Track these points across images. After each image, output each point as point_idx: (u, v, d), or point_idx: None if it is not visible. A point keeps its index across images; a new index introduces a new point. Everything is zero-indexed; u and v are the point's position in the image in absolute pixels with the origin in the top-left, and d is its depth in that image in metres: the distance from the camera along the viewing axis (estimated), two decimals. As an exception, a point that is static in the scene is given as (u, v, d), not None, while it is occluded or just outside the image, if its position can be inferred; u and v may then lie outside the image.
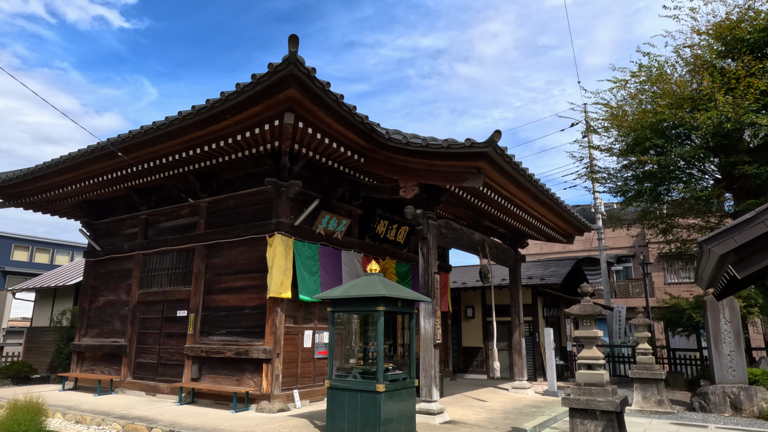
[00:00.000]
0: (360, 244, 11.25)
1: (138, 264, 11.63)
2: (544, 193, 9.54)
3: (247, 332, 9.39)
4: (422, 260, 8.80)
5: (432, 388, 8.19)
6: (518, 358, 12.32)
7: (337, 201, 10.79)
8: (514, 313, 12.58)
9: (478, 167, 7.79)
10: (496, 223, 12.03)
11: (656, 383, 10.87)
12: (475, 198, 9.51)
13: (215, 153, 9.02)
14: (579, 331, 6.65)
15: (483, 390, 12.22)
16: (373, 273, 7.28)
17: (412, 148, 8.08)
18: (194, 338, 10.00)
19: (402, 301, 7.11)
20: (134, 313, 11.38)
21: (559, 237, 12.86)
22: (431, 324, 8.43)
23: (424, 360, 8.35)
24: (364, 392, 6.60)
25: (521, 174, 8.38)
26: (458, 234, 9.99)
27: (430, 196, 9.05)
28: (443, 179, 8.26)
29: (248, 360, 9.07)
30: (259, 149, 8.83)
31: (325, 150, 8.81)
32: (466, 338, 17.46)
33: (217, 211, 10.64)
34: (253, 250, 9.65)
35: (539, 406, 10.03)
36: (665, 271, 25.40)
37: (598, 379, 6.34)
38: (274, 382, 8.72)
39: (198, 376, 9.75)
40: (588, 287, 6.70)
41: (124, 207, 12.51)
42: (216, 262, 10.27)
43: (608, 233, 26.87)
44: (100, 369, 11.75)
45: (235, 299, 9.74)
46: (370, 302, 6.81)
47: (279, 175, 9.36)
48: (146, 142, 8.92)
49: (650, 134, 13.78)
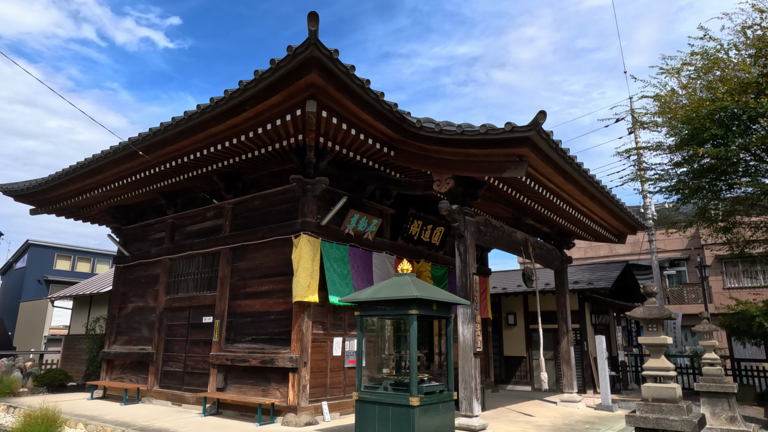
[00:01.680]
0: (392, 246, 10.58)
1: (165, 269, 11.32)
2: (594, 185, 8.62)
3: (273, 339, 8.84)
4: (459, 260, 8.04)
5: (473, 401, 7.38)
6: (567, 369, 11.31)
7: (367, 200, 10.17)
8: (561, 320, 11.60)
9: (520, 155, 7.00)
10: (540, 221, 11.13)
11: (727, 398, 9.66)
12: (517, 192, 8.69)
13: (237, 149, 8.56)
14: (644, 337, 5.74)
15: (528, 403, 11.26)
16: (404, 273, 6.58)
17: (446, 136, 7.37)
18: (219, 346, 9.53)
19: (437, 303, 6.38)
20: (161, 319, 11.05)
21: (609, 236, 11.81)
22: (471, 330, 7.65)
23: (464, 370, 7.56)
24: (395, 406, 5.88)
25: (569, 163, 7.53)
26: (498, 232, 9.18)
27: (467, 190, 8.30)
28: (481, 170, 7.51)
29: (274, 369, 8.51)
30: (283, 144, 8.31)
31: (352, 143, 8.21)
32: (507, 347, 16.46)
33: (242, 212, 10.20)
34: (279, 252, 9.12)
35: (593, 422, 9.04)
36: (724, 275, 23.57)
37: (669, 394, 5.42)
38: (300, 392, 8.10)
39: (223, 385, 9.26)
40: (653, 286, 5.79)
41: (152, 211, 12.28)
42: (241, 265, 9.80)
43: (659, 235, 25.22)
44: (128, 377, 11.46)
45: (261, 304, 9.22)
46: (401, 305, 6.11)
47: (304, 172, 8.82)
48: (167, 140, 8.55)
49: (708, 124, 12.57)
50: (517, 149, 6.88)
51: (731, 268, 23.61)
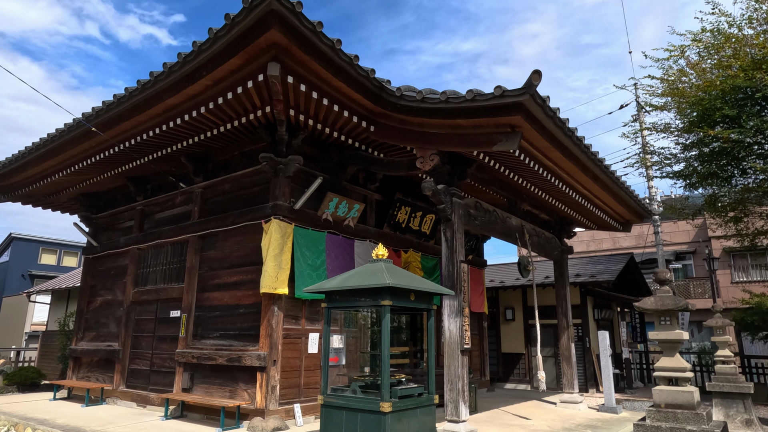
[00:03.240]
0: (377, 234, 9.73)
1: (133, 260, 10.50)
2: (597, 164, 7.75)
3: (241, 335, 8.02)
4: (445, 246, 7.19)
5: (459, 404, 6.54)
6: (567, 367, 10.46)
7: (349, 183, 9.32)
8: (561, 314, 10.75)
9: (512, 125, 6.14)
10: (538, 207, 10.26)
11: (742, 399, 8.82)
12: (511, 171, 7.84)
13: (200, 125, 7.73)
14: (656, 332, 4.89)
15: (525, 404, 10.42)
16: (379, 259, 5.73)
17: (429, 105, 6.51)
18: (186, 342, 8.71)
19: (415, 294, 5.54)
20: (128, 314, 10.23)
21: (613, 224, 10.94)
22: (458, 324, 6.80)
23: (450, 369, 6.72)
24: (365, 412, 5.05)
25: (568, 135, 6.66)
26: (491, 217, 8.32)
27: (455, 169, 7.45)
28: (469, 144, 6.64)
29: (242, 368, 7.68)
30: (250, 118, 7.47)
31: (327, 117, 7.37)
32: (505, 343, 15.64)
33: (212, 197, 9.36)
34: (250, 239, 8.29)
35: (596, 426, 8.20)
36: (732, 268, 22.65)
37: (685, 399, 4.57)
38: (269, 394, 7.28)
39: (190, 385, 8.44)
40: (666, 272, 4.94)
41: (122, 199, 11.46)
42: (210, 254, 8.97)
43: (665, 228, 24.31)
44: (95, 376, 10.66)
45: (230, 297, 8.39)
46: (372, 295, 5.27)
47: (276, 151, 7.98)
48: (122, 115, 7.71)
49: (719, 104, 11.67)
50: (508, 118, 6.02)
51: (740, 261, 22.68)
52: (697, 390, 4.69)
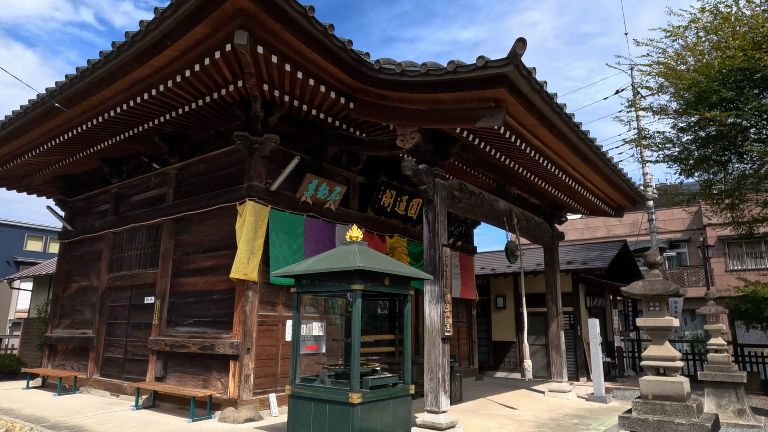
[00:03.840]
0: (360, 218, 9.37)
1: (108, 244, 10.12)
2: (587, 144, 7.39)
3: (215, 322, 7.68)
4: (427, 229, 6.84)
5: (439, 394, 6.24)
6: (556, 355, 10.19)
7: (330, 165, 8.94)
8: (550, 301, 10.45)
9: (496, 99, 5.76)
10: (528, 191, 9.90)
11: (734, 388, 8.58)
12: (498, 151, 7.47)
13: (170, 101, 7.31)
14: (644, 318, 4.57)
15: (513, 393, 10.17)
16: (352, 241, 5.38)
17: (409, 78, 6.11)
18: (159, 329, 8.37)
19: (390, 278, 5.20)
20: (103, 300, 9.88)
21: (605, 209, 10.61)
22: (438, 311, 6.47)
23: (430, 358, 6.40)
24: (333, 403, 4.74)
25: (556, 112, 6.28)
26: (477, 200, 7.96)
27: (438, 148, 7.07)
28: (451, 120, 6.26)
29: (215, 356, 7.36)
30: (222, 93, 7.07)
31: (303, 92, 6.97)
32: (496, 331, 15.38)
33: (187, 178, 8.97)
34: (225, 222, 7.92)
35: (583, 416, 7.93)
36: (726, 256, 22.43)
37: (674, 390, 4.26)
38: (242, 383, 6.96)
39: (163, 374, 8.12)
40: (656, 255, 4.61)
41: (98, 182, 11.04)
42: (185, 238, 8.60)
43: (659, 215, 24.05)
44: (70, 364, 10.33)
45: (204, 282, 8.05)
46: (343, 278, 4.93)
47: (251, 129, 7.58)
48: (87, 90, 7.28)
49: (717, 86, 11.29)
50: (492, 91, 5.63)
51: (735, 250, 22.47)
52: (687, 380, 4.39)
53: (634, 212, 25.34)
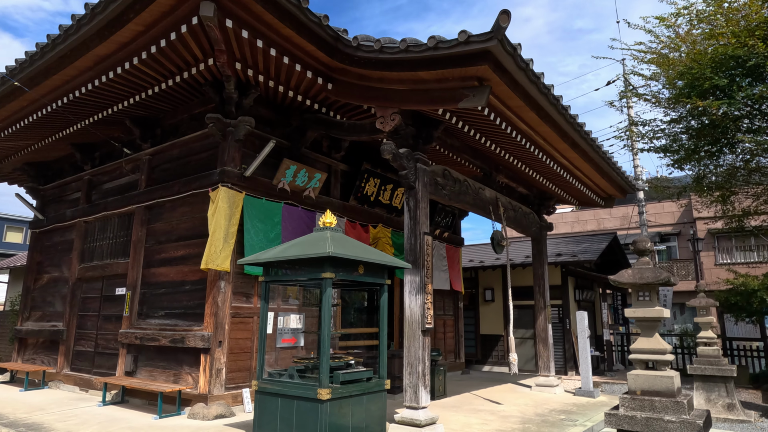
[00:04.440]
0: (342, 207, 9.03)
1: (80, 233, 9.70)
2: (575, 128, 7.09)
3: (186, 314, 7.33)
4: (408, 216, 6.52)
5: (419, 389, 5.93)
6: (543, 349, 9.94)
7: (311, 151, 8.58)
8: (538, 294, 10.19)
9: (480, 77, 5.43)
10: (515, 179, 9.60)
11: (724, 382, 8.38)
12: (483, 136, 7.15)
13: (138, 80, 6.92)
14: (633, 309, 4.28)
15: (499, 388, 9.91)
16: (325, 227, 5.04)
17: (389, 56, 5.76)
18: (130, 321, 8.00)
19: (365, 266, 4.88)
20: (74, 292, 9.48)
21: (595, 199, 10.34)
22: (419, 302, 6.16)
23: (409, 351, 6.10)
24: (301, 400, 4.42)
25: (543, 93, 5.96)
26: (461, 187, 7.64)
27: (420, 132, 6.74)
28: (432, 101, 5.93)
29: (186, 350, 7.01)
30: (192, 72, 6.70)
31: (278, 72, 6.61)
32: (484, 325, 15.13)
33: (160, 164, 8.57)
34: (197, 209, 7.55)
35: (570, 411, 7.68)
36: (716, 250, 22.34)
37: (664, 385, 3.98)
38: (214, 378, 6.62)
39: (133, 368, 7.76)
40: (646, 242, 4.32)
41: (70, 168, 10.60)
42: (157, 227, 8.22)
43: (650, 209, 23.92)
44: (40, 358, 9.92)
45: (176, 272, 7.68)
46: (313, 266, 4.60)
47: (224, 111, 7.21)
48: (50, 68, 6.86)
49: (710, 73, 11.03)
50: (475, 68, 5.30)
51: (724, 243, 22.38)
52: (678, 374, 4.11)
53: (624, 205, 25.21)
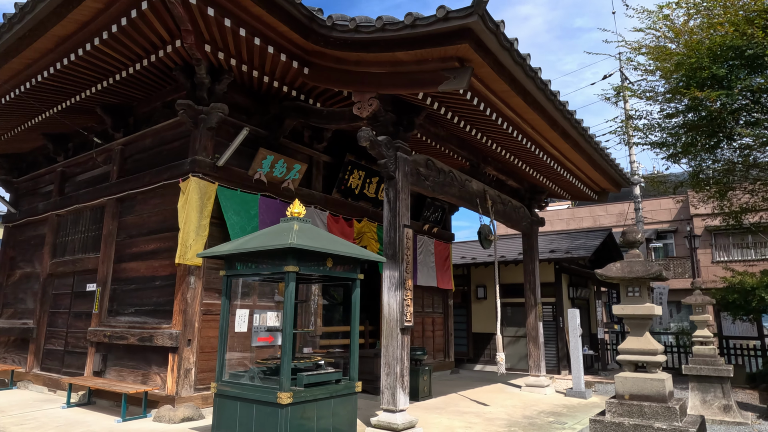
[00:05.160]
0: (324, 200, 8.66)
1: (52, 227, 9.32)
2: (566, 116, 6.73)
3: (156, 311, 6.96)
4: (387, 208, 6.16)
5: (397, 391, 5.58)
6: (534, 348, 9.60)
7: (291, 141, 8.21)
8: (528, 291, 9.85)
9: (460, 57, 5.07)
10: (505, 172, 9.24)
11: (720, 383, 8.04)
12: (468, 123, 6.79)
13: (104, 63, 6.55)
14: (622, 305, 3.93)
15: (488, 388, 9.57)
16: (293, 217, 4.68)
17: (365, 36, 5.40)
18: (99, 319, 7.63)
19: (334, 259, 4.51)
20: (45, 288, 9.10)
21: (588, 193, 9.99)
22: (398, 299, 5.81)
23: (387, 350, 5.74)
24: (261, 404, 4.06)
25: (530, 77, 5.60)
26: (446, 178, 7.28)
27: (401, 119, 6.38)
28: (412, 84, 5.56)
29: (154, 348, 6.64)
30: (160, 55, 6.32)
31: (251, 55, 6.24)
32: (476, 323, 14.79)
33: (132, 154, 8.20)
34: (169, 201, 7.17)
35: (560, 413, 7.34)
36: (713, 247, 22.05)
37: (654, 389, 3.63)
38: (182, 379, 6.26)
39: (102, 368, 7.39)
40: (636, 233, 3.97)
41: (44, 160, 10.19)
42: (129, 220, 7.85)
43: (647, 206, 23.60)
44: (11, 357, 9.54)
45: (146, 267, 7.31)
46: (275, 259, 4.25)
47: (195, 97, 6.83)
48: (9, 51, 6.46)
49: (707, 63, 10.70)
50: (455, 47, 4.94)
51: (721, 241, 22.08)
52: (670, 377, 3.77)
53: (621, 202, 24.90)
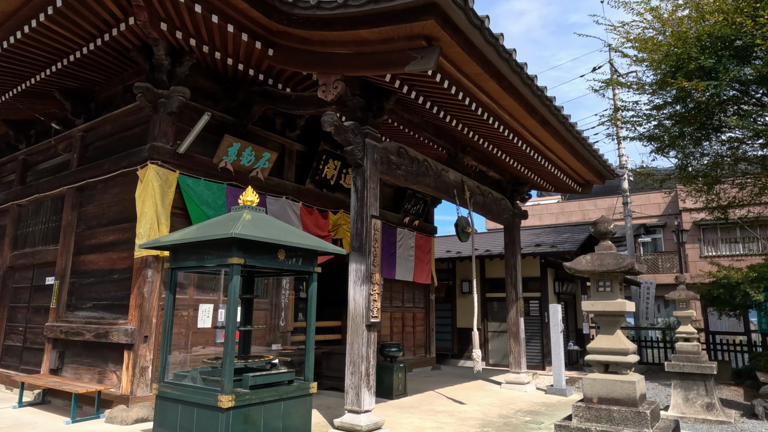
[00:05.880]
0: (297, 190, 8.32)
1: (13, 218, 8.92)
2: (545, 103, 6.41)
3: (113, 305, 6.61)
4: (354, 198, 5.84)
5: (362, 390, 5.28)
6: (515, 344, 9.34)
7: (262, 129, 7.86)
8: (509, 285, 9.56)
9: (427, 35, 4.74)
10: (486, 163, 8.93)
11: (703, 380, 7.84)
12: (441, 109, 6.47)
13: (55, 43, 6.15)
14: (591, 301, 3.64)
15: (467, 385, 9.30)
16: (245, 206, 4.34)
17: (327, 12, 5.04)
18: (57, 314, 7.27)
19: (286, 250, 4.19)
20: (4, 281, 8.71)
21: (571, 185, 9.71)
22: (364, 293, 5.49)
23: (352, 348, 5.44)
24: (202, 407, 3.74)
25: (503, 58, 5.28)
26: (420, 167, 6.96)
27: (370, 104, 6.04)
28: (378, 65, 5.23)
29: (111, 345, 6.30)
30: (113, 34, 5.94)
31: (210, 34, 5.88)
32: (461, 318, 14.55)
33: (93, 141, 7.81)
34: (128, 190, 6.79)
35: (538, 412, 7.08)
36: (701, 242, 21.92)
37: (624, 392, 3.35)
38: (137, 377, 5.93)
39: (59, 365, 7.03)
40: (608, 223, 3.67)
41: (7, 148, 9.77)
42: (89, 210, 7.47)
43: (634, 200, 23.41)
44: (-28, 353, 9.15)
45: (105, 260, 6.95)
46: (219, 250, 3.91)
47: (155, 80, 6.45)
48: (-48, 28, 6.06)
49: (696, 53, 10.43)
50: (421, 23, 4.60)
51: (710, 235, 21.96)
52: (642, 379, 3.48)
53: (609, 196, 24.73)
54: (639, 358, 3.58)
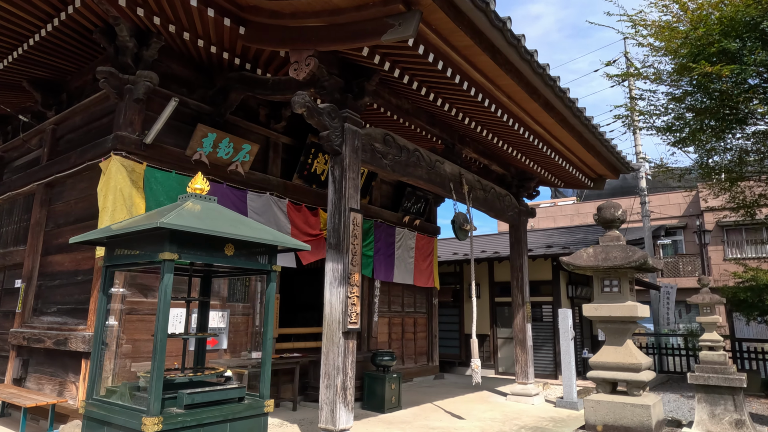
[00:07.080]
0: (283, 186, 7.74)
1: (-12, 218, 8.50)
2: (548, 84, 5.72)
3: (76, 310, 6.08)
4: (332, 189, 5.23)
5: (337, 407, 4.64)
6: (521, 352, 8.61)
7: (244, 120, 7.30)
8: (515, 289, 8.84)
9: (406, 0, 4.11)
10: (487, 155, 8.24)
11: (732, 394, 7.01)
12: (431, 91, 5.82)
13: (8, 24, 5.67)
14: (595, 304, 2.95)
15: (470, 396, 8.59)
16: (191, 194, 3.74)
17: (294, -22, 4.45)
18: (23, 319, 6.78)
19: (235, 245, 3.58)
20: (-22, 284, 8.27)
21: (582, 179, 8.97)
22: (340, 296, 4.86)
23: (327, 358, 4.80)
24: (127, 431, 3.14)
25: (496, 27, 4.61)
26: (410, 157, 6.31)
27: (349, 84, 5.43)
28: (353, 36, 4.61)
29: (70, 353, 5.76)
30: (69, 12, 5.45)
31: (175, 11, 5.34)
32: (470, 324, 13.81)
33: (64, 134, 7.33)
34: (94, 186, 6.26)
35: (544, 428, 6.36)
36: (725, 244, 20.80)
37: (636, 419, 2.65)
38: (95, 389, 5.35)
39: (22, 375, 6.52)
40: (616, 209, 2.99)
41: (-13, 145, 9.38)
42: (58, 208, 6.98)
43: (653, 200, 22.40)
44: (-52, 360, 8.73)
45: (71, 261, 6.43)
46: (151, 243, 3.33)
47: (120, 64, 5.93)
48: None
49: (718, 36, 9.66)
50: (395, -17, 3.99)
51: (734, 237, 20.83)
52: (659, 401, 2.79)
53: (626, 197, 23.72)
54: (654, 374, 2.89)
